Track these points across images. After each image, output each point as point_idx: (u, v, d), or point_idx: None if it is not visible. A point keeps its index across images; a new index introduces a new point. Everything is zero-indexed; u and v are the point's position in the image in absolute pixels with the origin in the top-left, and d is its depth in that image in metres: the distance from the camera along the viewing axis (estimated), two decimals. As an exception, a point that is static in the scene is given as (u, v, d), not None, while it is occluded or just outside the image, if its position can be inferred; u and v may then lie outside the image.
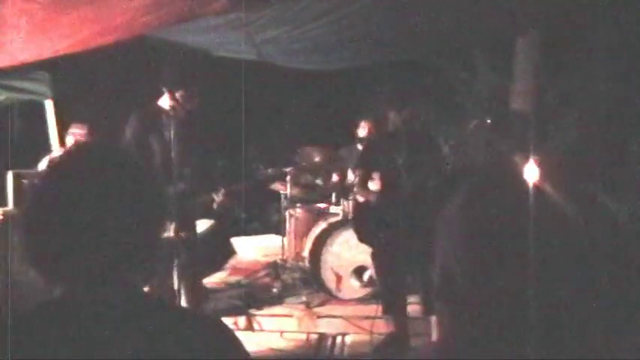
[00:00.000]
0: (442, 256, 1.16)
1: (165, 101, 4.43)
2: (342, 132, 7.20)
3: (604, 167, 5.14)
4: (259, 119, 8.15)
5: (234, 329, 5.23)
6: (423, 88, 6.78)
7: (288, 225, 6.66)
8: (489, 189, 1.19)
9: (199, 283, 5.32)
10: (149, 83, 4.57)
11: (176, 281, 4.25)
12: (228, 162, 7.87)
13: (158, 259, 1.29)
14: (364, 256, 5.86)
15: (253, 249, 7.81)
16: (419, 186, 4.58)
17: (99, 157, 1.27)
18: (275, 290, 6.22)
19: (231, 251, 6.87)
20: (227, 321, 5.28)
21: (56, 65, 5.72)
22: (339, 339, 5.08)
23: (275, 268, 6.62)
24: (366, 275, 5.95)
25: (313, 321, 5.50)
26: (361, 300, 5.93)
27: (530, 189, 1.17)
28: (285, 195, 6.70)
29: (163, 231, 1.31)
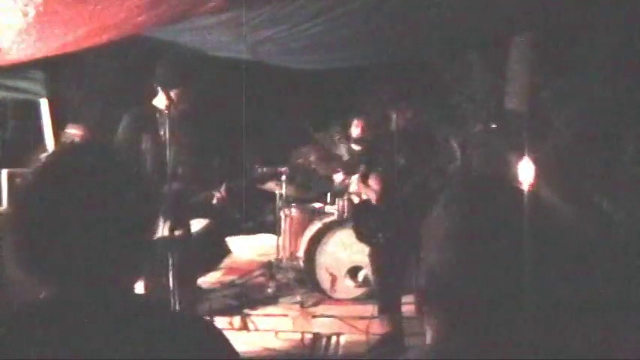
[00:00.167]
0: (426, 259, 1.17)
1: (159, 100, 4.42)
2: (337, 131, 7.20)
3: (599, 167, 5.15)
4: (254, 118, 8.14)
5: (228, 329, 5.24)
6: (422, 88, 6.78)
7: (283, 225, 6.65)
8: (470, 190, 1.20)
9: (194, 283, 5.31)
10: (144, 82, 4.56)
11: (171, 281, 4.24)
12: (223, 161, 7.86)
13: (147, 260, 1.29)
14: (359, 256, 5.87)
15: (248, 248, 7.80)
16: (419, 186, 4.59)
17: (87, 157, 1.26)
18: (270, 290, 6.22)
19: (226, 251, 6.87)
20: (222, 320, 5.30)
21: (51, 64, 5.71)
22: (334, 339, 5.09)
23: (270, 268, 6.61)
24: (361, 275, 5.95)
25: (308, 321, 5.50)
26: (356, 300, 5.93)
27: (513, 191, 1.18)
28: (280, 194, 6.69)
29: (152, 231, 1.30)
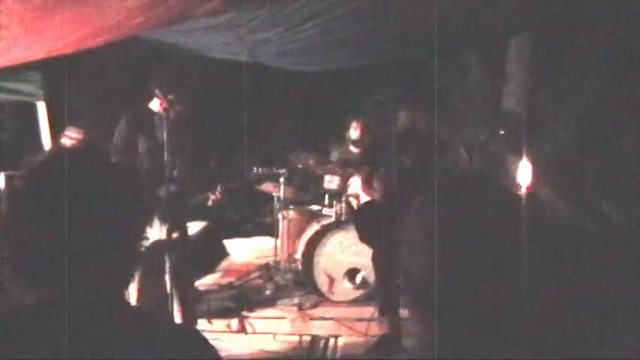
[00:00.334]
0: (405, 263, 1.17)
1: (155, 103, 4.41)
2: (335, 133, 7.21)
3: (598, 168, 5.15)
4: (252, 120, 8.14)
5: (226, 331, 5.23)
6: (420, 89, 6.79)
7: (281, 227, 6.64)
8: (447, 194, 1.20)
9: (192, 285, 5.30)
10: (141, 84, 4.55)
11: (168, 283, 4.23)
12: (220, 163, 7.86)
13: (136, 264, 1.28)
14: (357, 258, 5.86)
15: (246, 251, 7.80)
16: (423, 187, 4.57)
17: (79, 161, 1.25)
18: (268, 292, 6.21)
19: (224, 253, 6.87)
20: (220, 323, 5.30)
21: (48, 66, 5.70)
22: (332, 341, 5.07)
23: (268, 270, 6.60)
24: (359, 277, 5.94)
25: (306, 323, 5.50)
26: (354, 302, 5.92)
27: (492, 194, 1.18)
28: (278, 197, 6.68)
29: (144, 235, 1.30)
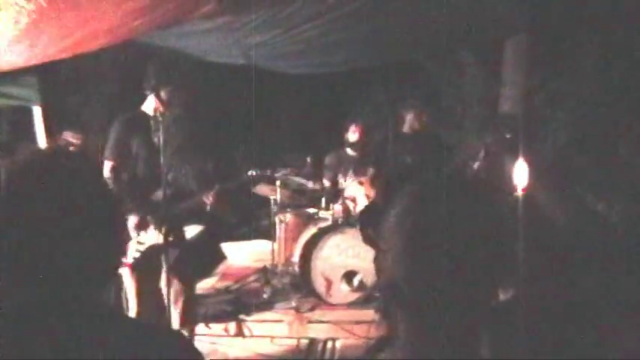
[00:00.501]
0: (386, 263, 1.17)
1: (150, 106, 4.41)
2: (333, 136, 7.20)
3: (594, 169, 5.16)
4: (249, 123, 8.13)
5: (224, 335, 5.22)
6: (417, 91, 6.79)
7: (277, 230, 6.63)
8: (426, 196, 1.20)
9: (190, 289, 5.28)
10: (137, 88, 4.54)
11: (165, 287, 4.22)
12: (216, 165, 7.84)
13: (114, 268, 1.28)
14: (354, 261, 5.86)
15: (243, 254, 7.79)
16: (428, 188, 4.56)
17: (56, 164, 1.25)
18: (265, 295, 6.20)
19: (221, 256, 6.85)
20: (217, 326, 5.29)
21: (45, 71, 5.69)
22: (330, 344, 5.07)
23: (265, 274, 6.59)
24: (356, 280, 5.94)
25: (303, 326, 5.49)
26: (351, 305, 5.92)
27: (470, 196, 1.18)
28: (274, 200, 6.68)
29: (120, 240, 1.30)
